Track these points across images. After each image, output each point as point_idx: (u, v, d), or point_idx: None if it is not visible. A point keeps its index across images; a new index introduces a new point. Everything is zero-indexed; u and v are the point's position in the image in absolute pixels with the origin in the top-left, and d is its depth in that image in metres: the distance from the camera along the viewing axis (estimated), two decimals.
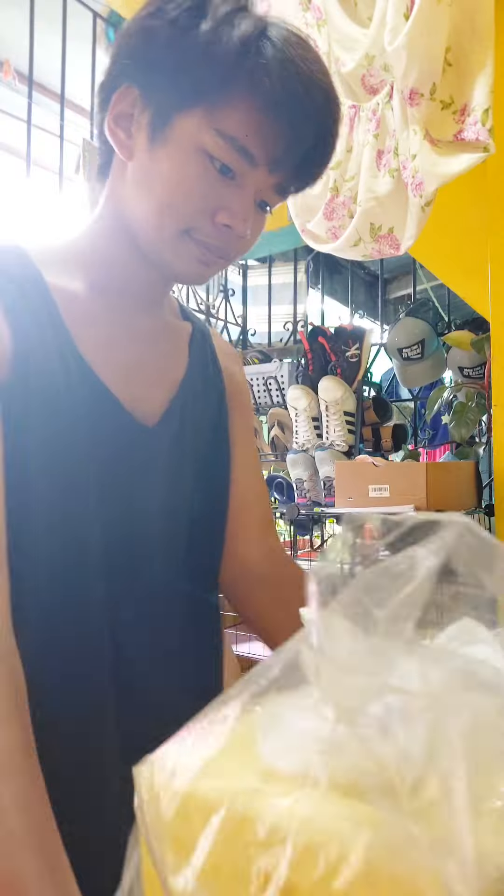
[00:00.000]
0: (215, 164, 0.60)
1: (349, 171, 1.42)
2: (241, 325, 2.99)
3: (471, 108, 1.16)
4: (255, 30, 0.59)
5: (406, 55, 1.16)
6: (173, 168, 0.61)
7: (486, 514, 1.85)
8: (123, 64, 0.64)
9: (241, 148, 0.60)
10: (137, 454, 0.68)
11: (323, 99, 0.62)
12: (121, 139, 0.64)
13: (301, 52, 0.60)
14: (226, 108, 0.59)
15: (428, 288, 2.91)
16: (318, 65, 0.62)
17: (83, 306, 0.66)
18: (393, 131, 1.31)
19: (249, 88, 0.58)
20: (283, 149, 0.61)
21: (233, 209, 0.62)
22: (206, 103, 0.59)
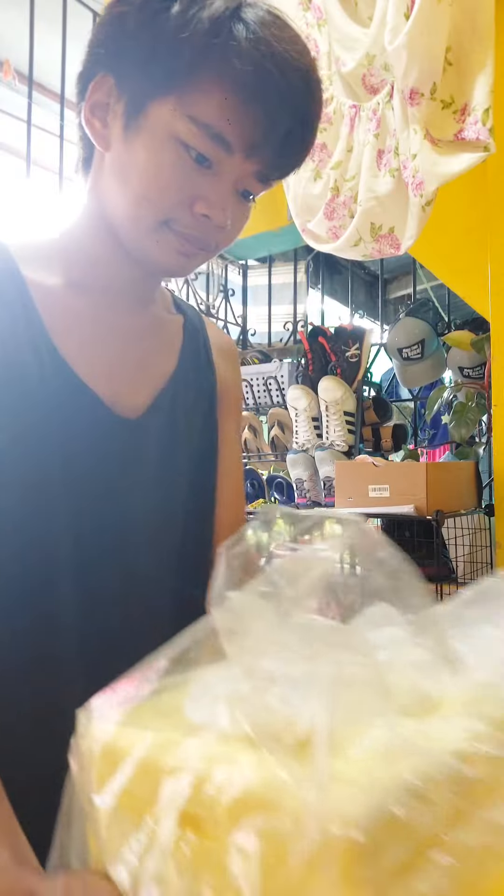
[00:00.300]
0: (191, 152, 0.58)
1: (350, 171, 1.42)
2: (241, 325, 2.99)
3: (471, 107, 1.16)
4: (225, 10, 0.56)
5: (406, 55, 1.16)
6: (148, 158, 0.59)
7: (486, 514, 1.85)
8: (98, 52, 0.62)
9: (215, 135, 0.58)
10: (117, 447, 0.66)
11: (300, 80, 0.59)
12: (97, 129, 0.62)
13: (276, 31, 0.57)
14: (198, 94, 0.57)
15: (428, 288, 2.91)
16: (295, 45, 0.59)
17: (62, 302, 0.65)
18: (393, 131, 1.31)
19: (220, 72, 0.56)
20: (259, 134, 0.59)
21: (210, 199, 0.60)
22: (177, 90, 0.57)
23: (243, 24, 0.56)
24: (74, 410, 0.63)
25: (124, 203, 0.62)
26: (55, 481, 0.62)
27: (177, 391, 0.73)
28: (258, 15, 0.58)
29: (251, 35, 0.56)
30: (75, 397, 0.63)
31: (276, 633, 0.32)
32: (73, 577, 0.63)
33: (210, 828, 0.27)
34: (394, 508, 1.67)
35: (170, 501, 0.71)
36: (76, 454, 0.63)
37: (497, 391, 1.59)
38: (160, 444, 0.70)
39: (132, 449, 0.68)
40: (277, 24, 0.58)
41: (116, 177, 0.62)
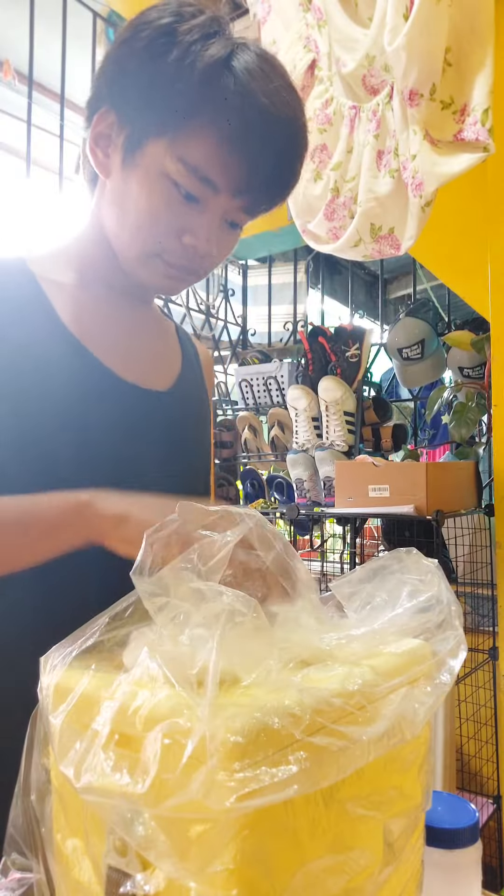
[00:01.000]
0: (180, 190, 0.64)
1: (350, 172, 1.42)
2: (241, 325, 2.99)
3: (470, 108, 1.16)
4: (218, 59, 0.61)
5: (406, 55, 1.16)
6: (142, 192, 0.65)
7: (486, 514, 1.85)
8: (101, 87, 0.68)
9: (203, 177, 0.63)
10: (140, 416, 0.72)
11: (283, 129, 0.64)
12: (99, 159, 0.68)
13: (262, 83, 0.62)
14: (188, 139, 0.62)
15: (428, 288, 2.91)
16: (279, 95, 0.63)
17: (76, 295, 0.71)
18: (393, 132, 1.31)
19: (210, 121, 0.61)
20: (244, 178, 0.64)
21: (197, 232, 0.66)
22: (171, 133, 0.63)
23: (233, 77, 0.61)
24: (99, 389, 0.69)
25: (120, 231, 0.68)
26: (76, 455, 0.66)
27: (188, 382, 0.80)
28: (248, 65, 0.62)
29: (240, 87, 0.61)
30: (98, 378, 0.69)
31: (189, 598, 0.42)
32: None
33: (131, 734, 0.38)
34: (394, 508, 1.67)
35: (191, 474, 0.77)
36: (99, 425, 0.68)
37: (497, 391, 1.59)
38: (186, 415, 0.77)
39: (158, 418, 0.73)
40: (265, 74, 0.63)
41: (114, 205, 0.68)
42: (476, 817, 0.54)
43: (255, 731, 0.34)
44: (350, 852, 0.40)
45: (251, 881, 0.34)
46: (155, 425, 0.73)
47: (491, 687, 1.81)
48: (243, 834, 0.33)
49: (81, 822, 0.41)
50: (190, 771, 0.33)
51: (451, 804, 0.56)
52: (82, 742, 0.39)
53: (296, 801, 0.36)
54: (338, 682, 0.40)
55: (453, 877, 0.53)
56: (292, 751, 0.35)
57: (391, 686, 0.43)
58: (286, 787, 0.33)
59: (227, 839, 0.33)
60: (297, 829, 0.37)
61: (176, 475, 0.75)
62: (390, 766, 0.44)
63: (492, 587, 1.80)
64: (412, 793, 0.46)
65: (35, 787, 0.44)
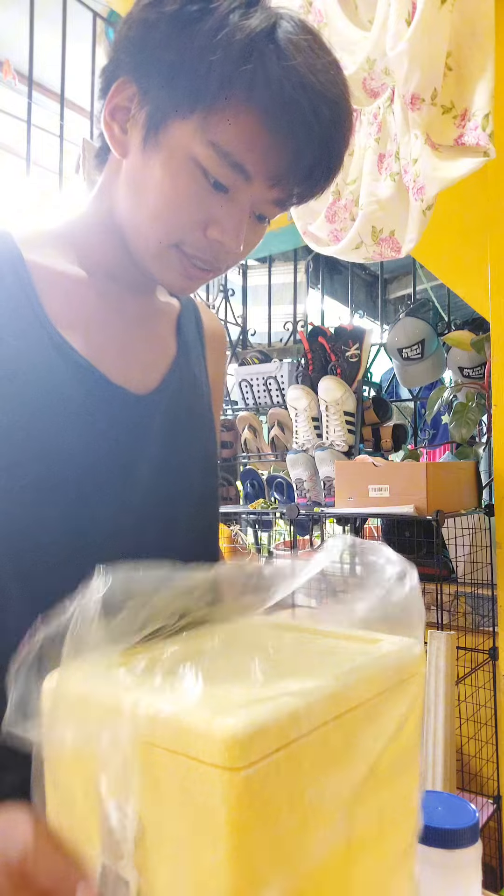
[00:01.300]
0: (209, 178, 0.57)
1: (351, 175, 1.42)
2: (241, 325, 2.99)
3: (471, 112, 1.17)
4: (260, 31, 0.53)
5: (408, 60, 1.16)
6: (165, 177, 0.57)
7: (486, 514, 1.85)
8: (121, 56, 0.60)
9: (235, 164, 0.56)
10: (125, 422, 0.65)
11: (330, 112, 0.56)
12: (115, 134, 0.60)
13: (310, 58, 0.54)
14: (221, 120, 0.55)
15: (428, 288, 2.91)
16: (328, 72, 0.56)
17: (65, 285, 0.64)
18: (394, 135, 1.31)
19: (248, 100, 0.54)
20: (283, 166, 0.57)
21: (224, 224, 0.59)
22: (201, 112, 0.55)
23: (276, 50, 0.53)
24: (77, 386, 0.62)
25: (136, 218, 0.61)
26: (61, 459, 0.60)
27: (181, 375, 0.73)
28: (293, 38, 0.54)
29: (283, 63, 0.53)
30: (77, 374, 0.62)
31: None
32: (90, 554, 0.61)
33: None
34: (394, 508, 1.67)
35: (178, 479, 0.70)
36: (75, 427, 0.61)
37: (497, 391, 1.60)
38: (169, 420, 0.69)
39: (142, 425, 0.66)
40: (312, 49, 0.55)
41: (131, 188, 0.61)
42: (476, 817, 0.55)
43: (253, 731, 0.34)
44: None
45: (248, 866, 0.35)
46: (141, 428, 0.66)
47: (491, 687, 1.82)
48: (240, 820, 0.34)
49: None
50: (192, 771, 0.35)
51: (451, 804, 0.57)
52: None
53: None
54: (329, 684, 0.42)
55: (453, 877, 0.53)
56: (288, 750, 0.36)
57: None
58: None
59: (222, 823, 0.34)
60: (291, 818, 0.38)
61: (169, 476, 0.69)
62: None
63: (492, 587, 1.80)
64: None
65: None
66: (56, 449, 0.60)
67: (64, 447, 0.60)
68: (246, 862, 0.34)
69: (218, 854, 0.34)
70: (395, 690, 0.46)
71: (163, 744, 0.36)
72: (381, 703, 0.44)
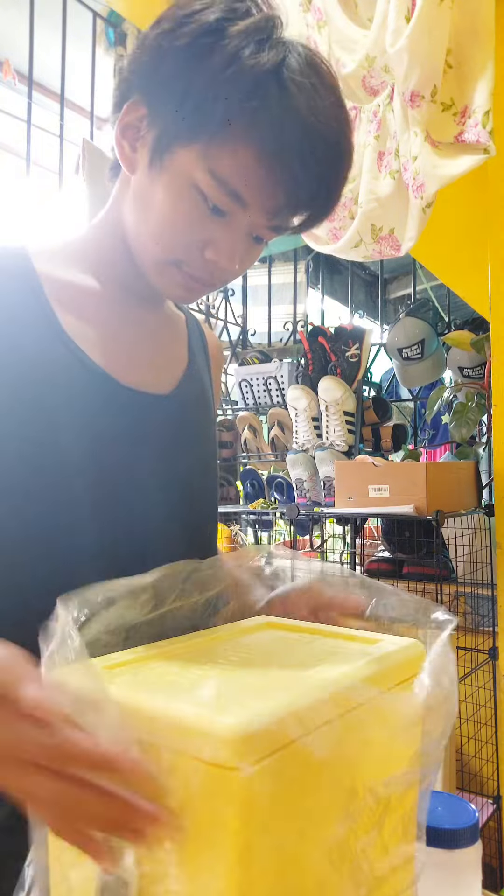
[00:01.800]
0: (208, 202, 0.59)
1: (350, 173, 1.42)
2: (241, 325, 2.99)
3: (471, 110, 1.16)
4: (266, 70, 0.55)
5: (407, 57, 1.16)
6: (167, 199, 0.61)
7: (486, 514, 1.85)
8: (132, 77, 0.63)
9: (233, 192, 0.59)
10: (130, 421, 0.67)
11: (327, 151, 0.58)
12: (125, 152, 0.64)
13: (312, 99, 0.57)
14: (222, 151, 0.57)
15: (428, 288, 2.91)
16: (329, 113, 0.58)
17: (77, 296, 0.67)
18: (394, 133, 1.31)
19: (249, 134, 0.56)
20: (280, 200, 0.59)
21: (220, 246, 0.62)
22: (204, 141, 0.58)
23: (279, 90, 0.56)
24: (93, 392, 0.64)
25: (140, 233, 0.64)
26: (80, 463, 0.62)
27: (192, 382, 0.76)
28: (297, 78, 0.56)
29: (285, 103, 0.56)
30: (92, 380, 0.64)
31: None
32: (105, 553, 0.63)
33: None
34: (394, 508, 1.67)
35: (183, 483, 0.72)
36: (87, 429, 0.63)
37: (497, 391, 1.59)
38: (180, 424, 0.72)
39: (154, 427, 0.69)
40: (315, 90, 0.57)
41: (137, 204, 0.64)
42: (476, 817, 0.55)
43: (253, 730, 0.35)
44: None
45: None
46: (155, 430, 0.69)
47: (491, 687, 1.82)
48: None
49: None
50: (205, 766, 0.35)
51: (451, 804, 0.56)
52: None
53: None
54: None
55: (453, 877, 0.53)
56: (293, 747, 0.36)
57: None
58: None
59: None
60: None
61: (178, 478, 0.71)
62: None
63: (492, 587, 1.80)
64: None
65: None
66: (75, 454, 0.62)
67: (83, 452, 0.62)
68: (248, 860, 0.34)
69: (220, 852, 0.34)
70: (396, 689, 0.46)
71: (165, 743, 0.36)
72: (382, 703, 0.44)
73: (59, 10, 2.19)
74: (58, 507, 0.61)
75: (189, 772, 0.35)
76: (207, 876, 0.35)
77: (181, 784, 0.36)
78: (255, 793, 0.34)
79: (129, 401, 0.67)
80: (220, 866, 0.34)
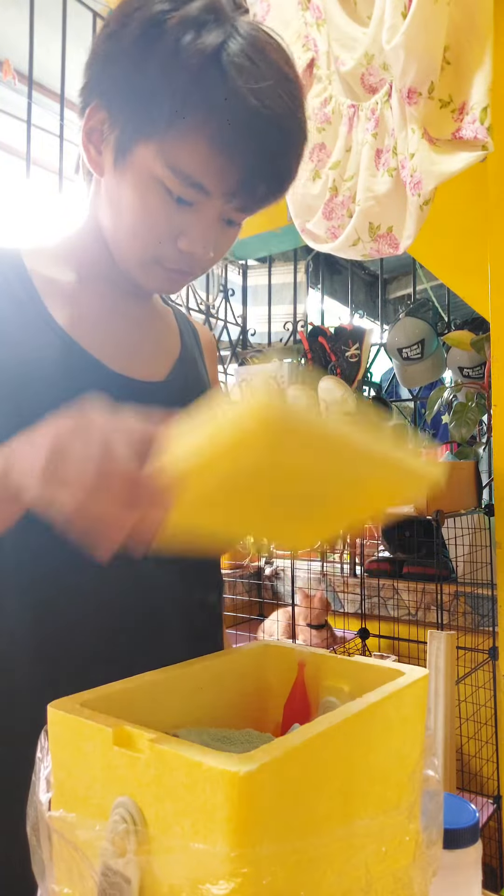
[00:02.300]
0: (172, 195, 0.61)
1: (348, 171, 1.42)
2: (241, 325, 2.99)
3: (469, 106, 1.16)
4: (205, 57, 0.56)
5: (404, 54, 1.16)
6: (135, 196, 0.62)
7: (486, 514, 1.84)
8: (91, 80, 0.64)
9: (194, 182, 0.60)
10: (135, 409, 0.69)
11: (275, 128, 0.60)
12: (92, 155, 0.65)
13: (254, 78, 0.57)
14: (177, 144, 0.59)
15: (428, 288, 2.91)
16: (274, 91, 0.58)
17: (69, 292, 0.69)
18: (392, 130, 1.31)
19: (198, 124, 0.58)
20: (236, 182, 0.61)
21: (192, 235, 0.63)
22: (159, 136, 0.59)
23: (220, 74, 0.56)
24: (84, 379, 0.66)
25: (116, 235, 0.66)
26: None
27: (186, 370, 0.78)
28: (236, 60, 0.57)
29: (228, 87, 0.56)
30: (85, 368, 0.66)
31: None
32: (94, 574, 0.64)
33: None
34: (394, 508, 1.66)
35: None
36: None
37: (497, 391, 1.59)
38: (180, 406, 0.71)
39: (154, 409, 0.69)
40: (257, 67, 0.58)
41: (109, 205, 0.66)
42: (476, 817, 0.54)
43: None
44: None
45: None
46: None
47: (491, 687, 1.81)
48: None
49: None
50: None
51: (451, 804, 0.56)
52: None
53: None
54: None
55: (453, 877, 0.53)
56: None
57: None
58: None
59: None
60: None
61: None
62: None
63: (492, 587, 1.79)
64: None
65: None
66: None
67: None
68: (248, 861, 0.34)
69: (220, 853, 0.34)
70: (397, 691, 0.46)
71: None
72: (383, 704, 0.44)
73: (59, 10, 2.19)
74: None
75: (188, 771, 0.35)
76: (207, 875, 0.34)
77: (180, 782, 0.35)
78: (256, 793, 0.34)
79: (122, 387, 0.67)
80: (219, 865, 0.34)
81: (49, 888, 0.43)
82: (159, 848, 0.36)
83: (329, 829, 0.40)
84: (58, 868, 0.42)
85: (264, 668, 0.61)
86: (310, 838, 0.38)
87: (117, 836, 0.38)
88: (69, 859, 0.41)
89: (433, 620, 1.66)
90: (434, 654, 1.54)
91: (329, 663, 0.57)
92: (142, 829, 0.37)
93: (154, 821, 0.37)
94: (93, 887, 0.39)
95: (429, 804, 0.47)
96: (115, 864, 0.38)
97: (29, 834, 0.43)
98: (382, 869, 0.43)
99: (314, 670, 0.58)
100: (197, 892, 0.35)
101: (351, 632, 2.12)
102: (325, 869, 0.39)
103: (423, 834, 0.46)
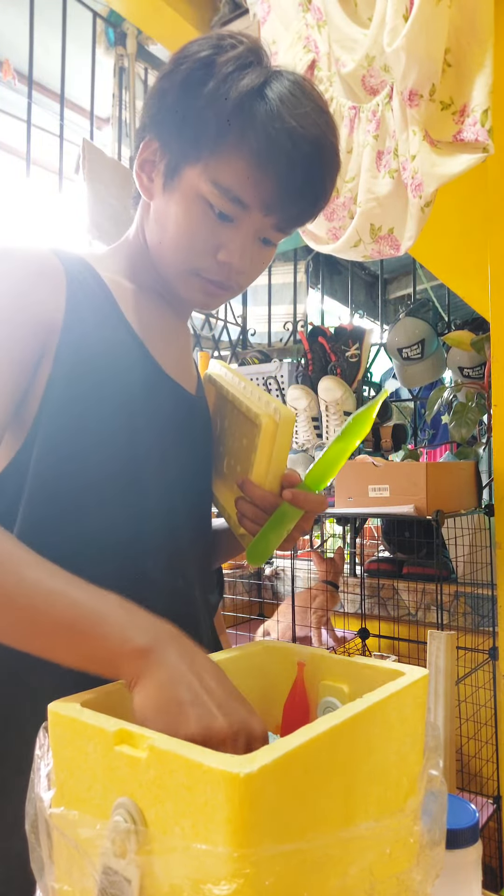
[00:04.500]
0: (214, 210, 0.68)
1: (349, 172, 1.42)
2: (241, 325, 2.99)
3: (470, 108, 1.16)
4: (251, 89, 0.65)
5: (405, 56, 1.16)
6: (179, 213, 0.69)
7: (486, 514, 1.85)
8: (146, 119, 0.73)
9: (234, 197, 0.67)
10: (198, 423, 0.79)
11: (310, 148, 0.66)
12: (144, 183, 0.73)
13: (293, 107, 0.65)
14: (220, 162, 0.66)
15: (428, 288, 2.91)
16: (310, 116, 0.66)
17: (137, 300, 0.75)
18: (393, 132, 1.31)
19: (239, 145, 0.65)
20: (274, 196, 0.68)
21: (231, 248, 0.70)
22: (204, 158, 0.67)
23: (264, 102, 0.65)
24: (158, 388, 0.74)
25: (161, 248, 0.73)
26: (149, 459, 0.71)
27: (203, 387, 0.86)
28: (280, 91, 0.65)
29: (269, 111, 0.64)
30: (158, 378, 0.74)
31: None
32: (163, 542, 0.71)
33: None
34: (394, 508, 1.67)
35: (205, 477, 0.82)
36: (158, 427, 0.72)
37: (497, 391, 1.59)
38: (207, 419, 0.83)
39: (195, 422, 0.79)
40: (296, 98, 0.66)
41: (157, 223, 0.73)
42: (476, 817, 0.55)
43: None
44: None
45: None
46: (193, 423, 0.79)
47: (491, 687, 1.81)
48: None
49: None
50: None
51: (451, 804, 0.56)
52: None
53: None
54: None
55: (453, 877, 0.53)
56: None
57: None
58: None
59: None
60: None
61: (206, 467, 0.80)
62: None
63: (492, 587, 1.80)
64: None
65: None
66: (146, 443, 0.71)
67: (152, 441, 0.71)
68: (250, 861, 0.34)
69: (222, 853, 0.34)
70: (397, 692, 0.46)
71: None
72: (383, 704, 0.44)
73: (59, 10, 2.19)
74: (130, 496, 0.69)
75: (188, 772, 0.35)
76: (207, 875, 0.35)
77: (180, 784, 0.36)
78: (256, 794, 0.34)
79: (181, 397, 0.76)
80: (219, 866, 0.34)
81: (48, 885, 0.43)
82: (160, 848, 0.36)
83: (330, 829, 0.40)
84: (57, 865, 0.43)
85: (264, 668, 0.61)
86: (311, 839, 0.38)
87: (118, 837, 0.38)
88: (69, 857, 0.41)
89: (433, 620, 1.67)
90: (434, 655, 1.54)
91: (329, 663, 0.57)
92: (142, 830, 0.38)
93: (155, 821, 0.37)
94: (92, 885, 0.39)
95: (432, 805, 0.47)
96: (115, 864, 0.38)
97: (28, 831, 0.44)
98: (386, 871, 0.43)
99: (314, 670, 0.58)
100: (198, 892, 0.35)
101: (351, 632, 2.12)
102: (328, 871, 0.39)
103: (427, 835, 0.46)
